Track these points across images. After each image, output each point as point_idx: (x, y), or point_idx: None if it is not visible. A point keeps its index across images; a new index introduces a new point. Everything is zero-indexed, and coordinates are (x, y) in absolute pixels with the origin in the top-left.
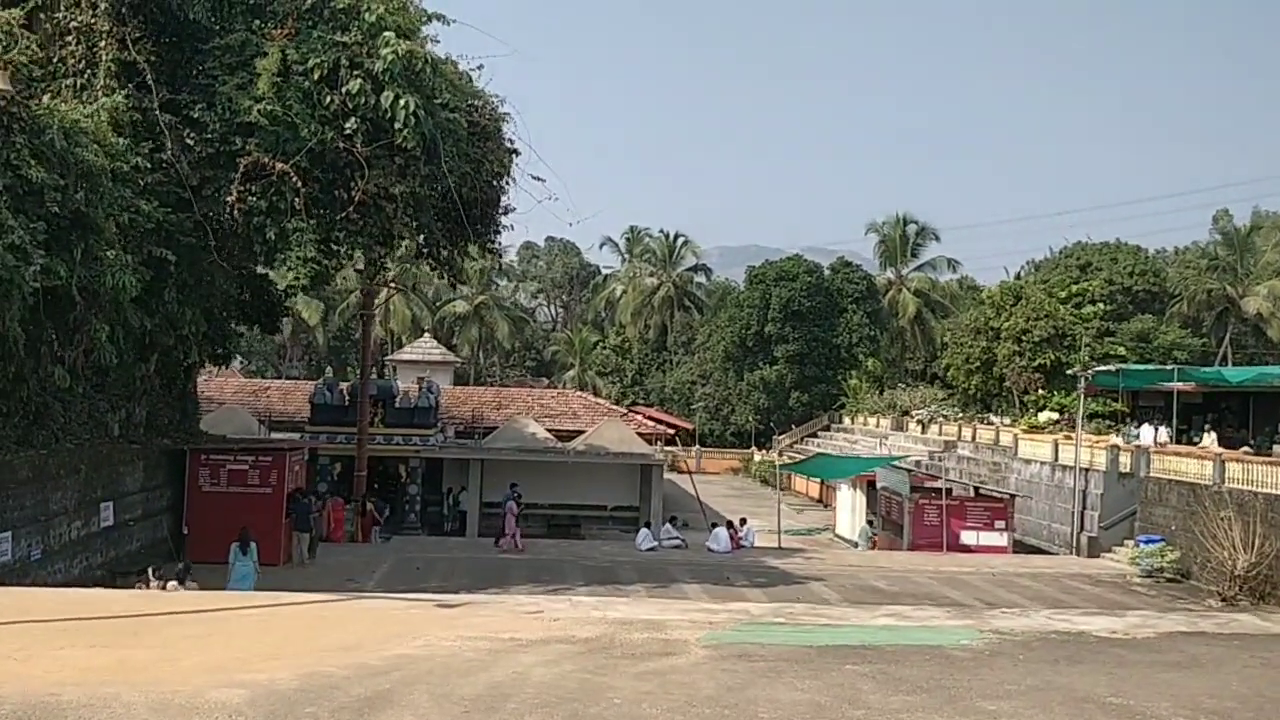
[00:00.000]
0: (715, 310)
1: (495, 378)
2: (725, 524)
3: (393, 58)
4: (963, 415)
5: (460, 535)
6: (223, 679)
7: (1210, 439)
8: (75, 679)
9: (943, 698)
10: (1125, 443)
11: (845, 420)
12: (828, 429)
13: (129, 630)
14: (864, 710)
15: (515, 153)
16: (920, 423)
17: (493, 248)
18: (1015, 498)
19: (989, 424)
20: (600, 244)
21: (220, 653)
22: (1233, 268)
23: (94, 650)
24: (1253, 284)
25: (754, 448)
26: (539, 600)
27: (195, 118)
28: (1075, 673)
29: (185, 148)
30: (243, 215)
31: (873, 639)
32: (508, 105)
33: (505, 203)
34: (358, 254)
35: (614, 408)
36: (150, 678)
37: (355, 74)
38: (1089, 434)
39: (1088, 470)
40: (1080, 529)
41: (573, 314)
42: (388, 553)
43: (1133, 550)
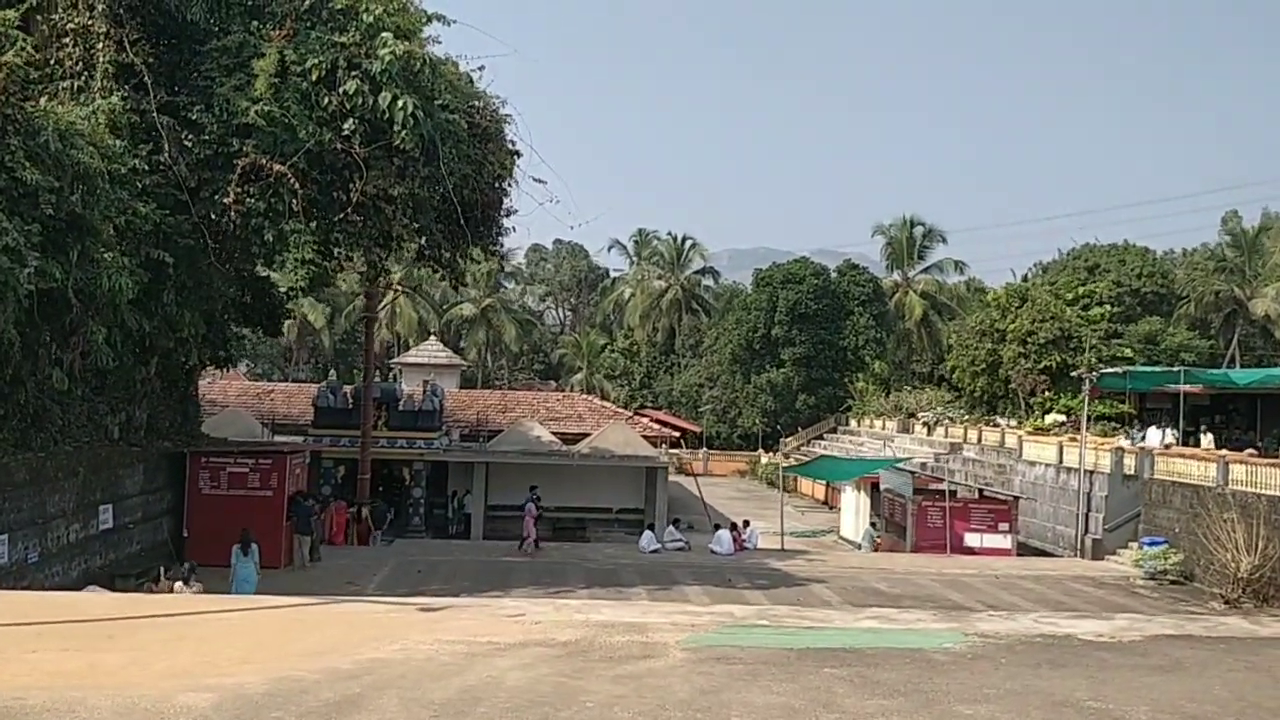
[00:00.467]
0: (723, 313)
1: (503, 381)
2: (729, 526)
3: (391, 58)
4: (968, 417)
5: (465, 538)
6: (191, 683)
7: (1207, 440)
8: (43, 683)
9: (919, 701)
10: (1130, 445)
11: (852, 423)
12: (834, 431)
13: (103, 634)
14: (838, 714)
15: (517, 154)
16: (926, 425)
17: (495, 250)
18: (1019, 500)
19: (994, 426)
20: (608, 247)
21: (192, 657)
22: (1241, 269)
23: (65, 654)
24: (1261, 286)
25: (761, 450)
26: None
27: (193, 119)
28: (1056, 676)
29: (183, 149)
30: (241, 217)
31: (855, 642)
32: (510, 107)
33: (507, 205)
34: (358, 256)
35: (619, 410)
36: (119, 682)
37: (353, 75)
38: (1095, 436)
39: (1092, 472)
40: (1084, 531)
41: (581, 317)
42: (390, 555)
43: (1136, 553)
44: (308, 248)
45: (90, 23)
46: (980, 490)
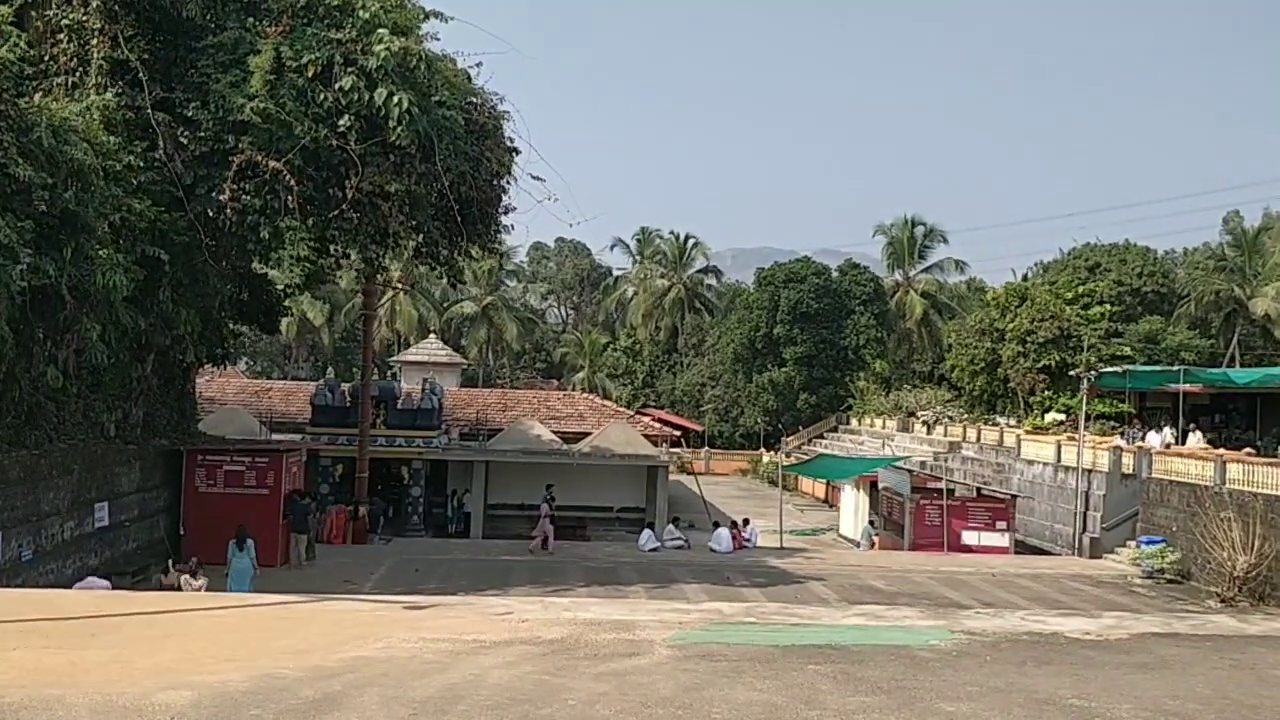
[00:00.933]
0: (725, 312)
1: (504, 379)
2: (729, 524)
3: (387, 54)
4: (968, 416)
5: (464, 537)
6: (172, 681)
7: (1195, 439)
8: (22, 680)
9: (901, 699)
10: (1128, 444)
11: (853, 421)
12: (835, 430)
13: (85, 631)
14: (819, 711)
15: (515, 151)
16: (926, 424)
17: (494, 247)
18: (1017, 498)
19: (993, 425)
20: (611, 245)
21: (175, 654)
22: (1242, 269)
23: (46, 651)
24: (1261, 285)
25: (762, 449)
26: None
27: (188, 116)
28: (1041, 674)
29: (178, 146)
30: (237, 214)
31: (841, 639)
32: (509, 103)
33: (506, 202)
34: (354, 253)
35: (620, 409)
36: (99, 679)
37: (349, 71)
38: (1093, 435)
39: (1090, 471)
40: (1082, 530)
41: (583, 315)
42: (387, 555)
43: (1134, 551)
44: (304, 245)
45: (85, 19)
46: (978, 489)
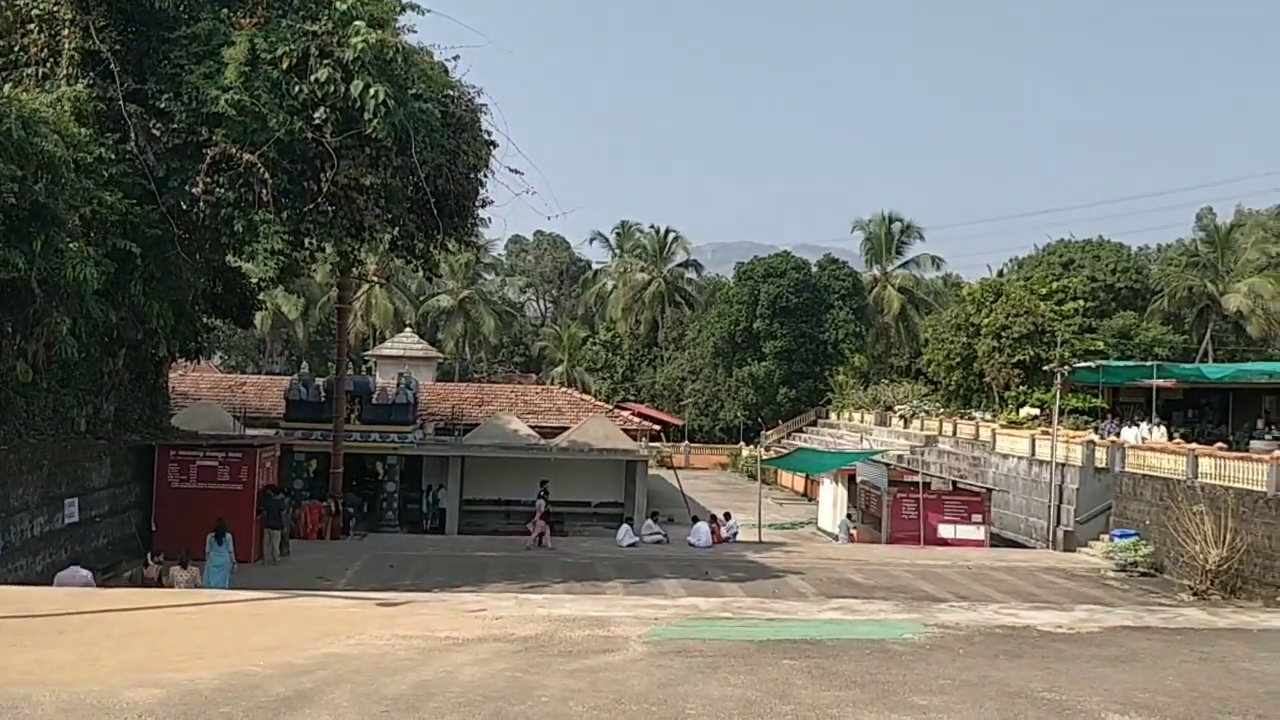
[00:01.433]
0: (705, 306)
1: (481, 374)
2: (708, 518)
3: (363, 46)
4: (944, 411)
5: (440, 533)
6: (140, 679)
7: (1160, 433)
8: None
9: (875, 692)
10: (1101, 439)
11: (831, 415)
12: (814, 424)
13: (53, 629)
14: (793, 705)
15: (493, 144)
16: (903, 418)
17: (471, 241)
18: (992, 492)
19: (969, 419)
20: (590, 239)
21: (144, 652)
22: (1214, 265)
23: (13, 649)
24: (1233, 281)
25: (742, 443)
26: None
27: (161, 108)
28: (1013, 667)
29: (151, 138)
30: (210, 207)
31: (816, 633)
32: (486, 96)
33: (483, 195)
34: (329, 247)
35: (599, 404)
36: (66, 677)
37: (325, 63)
38: (1067, 429)
39: (1064, 465)
40: (1056, 523)
41: (562, 309)
42: (362, 551)
43: (1107, 544)
44: (278, 238)
45: (55, 9)
46: (954, 482)
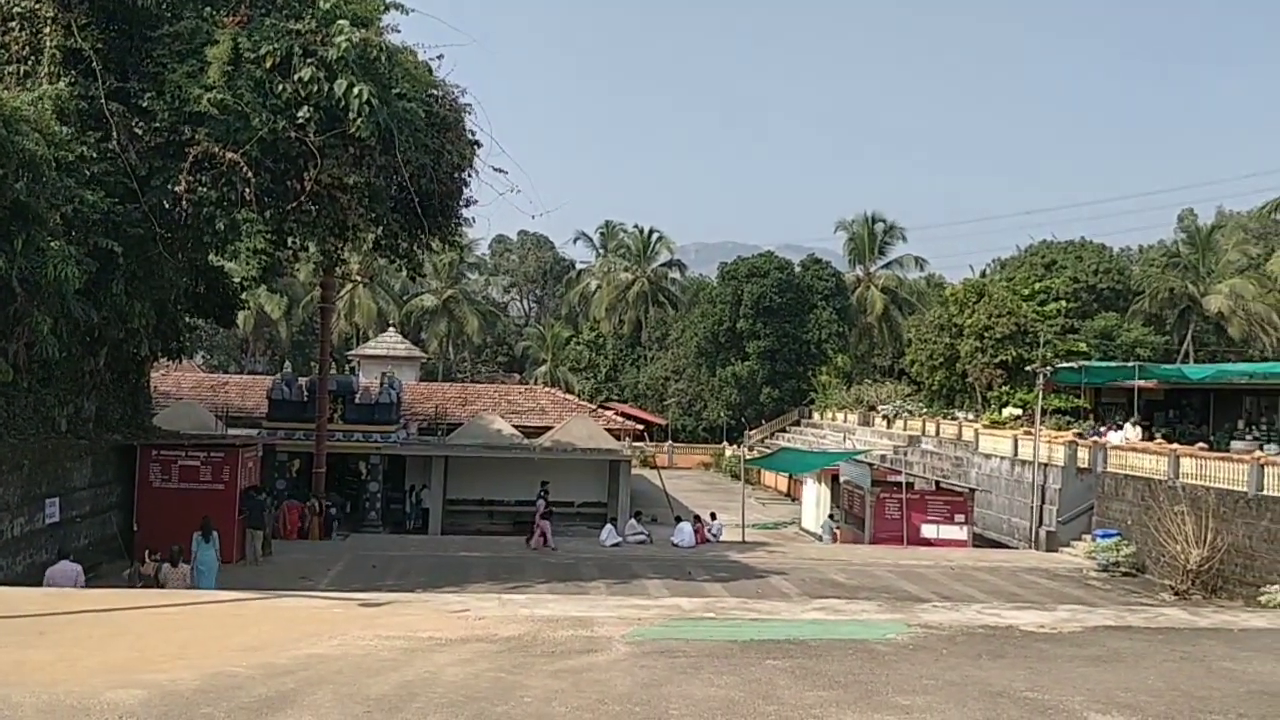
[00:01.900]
0: (689, 306)
1: (465, 373)
2: (692, 518)
3: (347, 46)
4: (927, 411)
5: (423, 533)
6: (122, 679)
7: (1135, 433)
8: None
9: (858, 692)
10: (1084, 440)
11: (815, 415)
12: (798, 424)
13: (34, 629)
14: (777, 706)
15: (477, 144)
16: (886, 418)
17: (455, 240)
18: (975, 492)
19: (952, 419)
20: (574, 238)
21: (125, 652)
22: (1195, 266)
23: None
24: (1214, 283)
25: (725, 443)
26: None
27: (144, 106)
28: (995, 667)
29: (133, 137)
30: (192, 206)
31: (799, 633)
32: (471, 96)
33: (467, 195)
34: (313, 246)
35: (582, 403)
36: (47, 678)
37: (308, 62)
38: (1050, 430)
39: (1046, 465)
40: (1038, 523)
41: (546, 309)
42: (344, 551)
43: (1089, 544)
44: (260, 237)
45: (37, 7)
46: (937, 482)
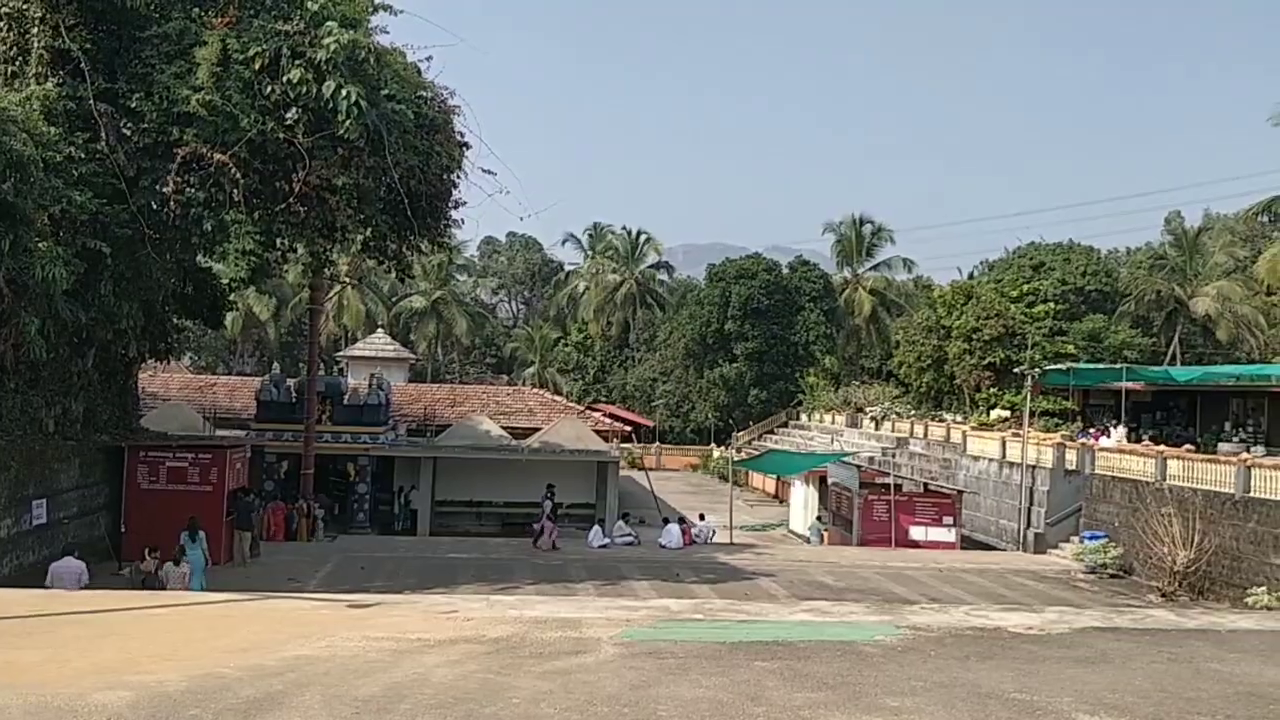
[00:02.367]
0: (677, 307)
1: (453, 375)
2: (677, 518)
3: (335, 47)
4: (915, 412)
5: (411, 534)
6: (110, 680)
7: (1118, 434)
8: None
9: (847, 694)
10: (1071, 442)
11: (803, 417)
12: (785, 426)
13: (22, 630)
14: (765, 707)
15: (466, 145)
16: (874, 420)
17: (443, 242)
18: (963, 494)
19: (940, 421)
20: (562, 240)
21: (113, 654)
22: (1182, 269)
23: None
24: (1201, 285)
25: (713, 444)
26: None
27: (132, 107)
28: (984, 668)
29: (121, 137)
30: (180, 207)
31: (787, 635)
32: (459, 98)
33: (456, 196)
34: (301, 247)
35: (570, 405)
36: (34, 679)
37: (297, 63)
38: (1037, 432)
39: (1034, 467)
40: (1026, 525)
41: (534, 310)
42: (333, 552)
43: (1077, 546)
44: (249, 238)
45: (25, 7)
46: (925, 484)
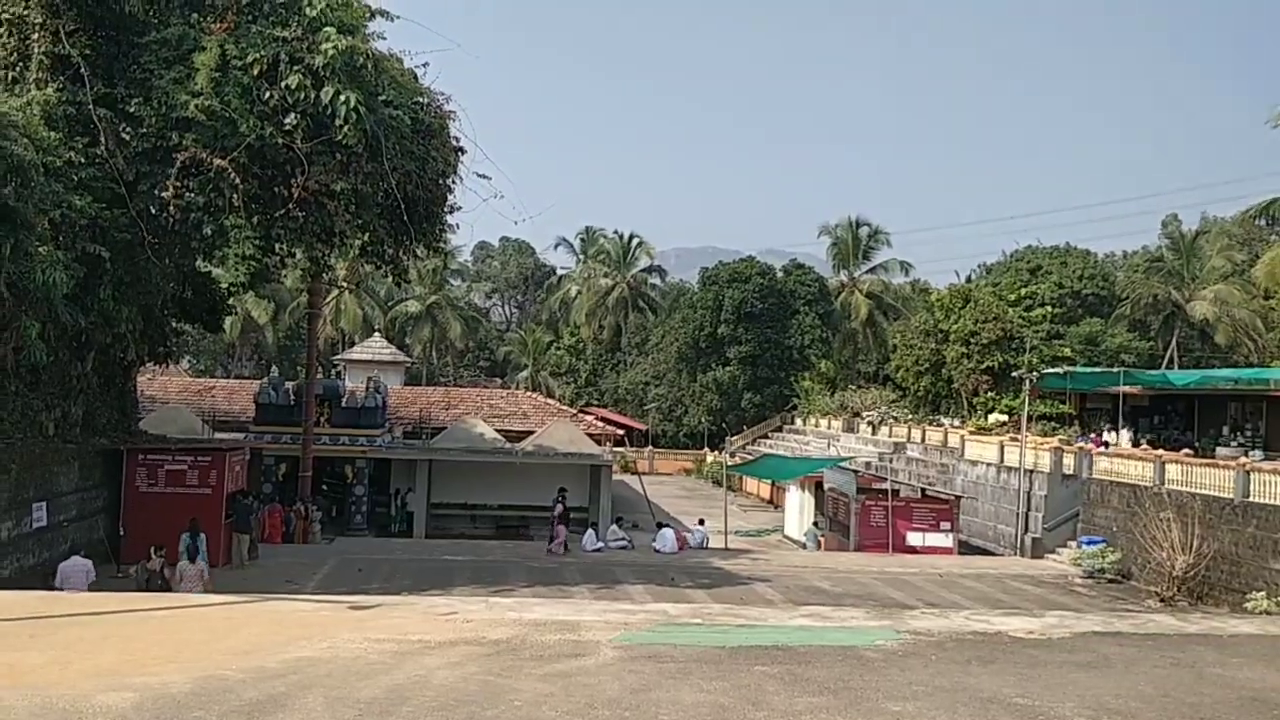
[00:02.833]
0: (669, 311)
1: (448, 378)
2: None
3: (333, 53)
4: (912, 417)
5: (407, 536)
6: (113, 682)
7: (1125, 436)
8: None
9: (848, 699)
10: (1070, 446)
11: (798, 421)
12: (780, 430)
13: (25, 632)
14: (766, 711)
15: (461, 150)
16: (871, 424)
17: (439, 246)
18: (961, 499)
19: (938, 426)
20: (555, 244)
21: (116, 655)
22: (1180, 273)
23: None
24: (1199, 289)
25: (706, 449)
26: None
27: (131, 112)
28: (985, 673)
29: (121, 142)
30: (180, 211)
31: (787, 639)
32: (455, 103)
33: (451, 201)
34: (300, 252)
35: (564, 408)
36: (39, 681)
37: (295, 69)
38: (1035, 436)
39: (1032, 472)
40: (1024, 530)
41: (527, 314)
42: (330, 554)
43: (1075, 551)
44: (248, 243)
45: (26, 13)
46: (923, 489)
